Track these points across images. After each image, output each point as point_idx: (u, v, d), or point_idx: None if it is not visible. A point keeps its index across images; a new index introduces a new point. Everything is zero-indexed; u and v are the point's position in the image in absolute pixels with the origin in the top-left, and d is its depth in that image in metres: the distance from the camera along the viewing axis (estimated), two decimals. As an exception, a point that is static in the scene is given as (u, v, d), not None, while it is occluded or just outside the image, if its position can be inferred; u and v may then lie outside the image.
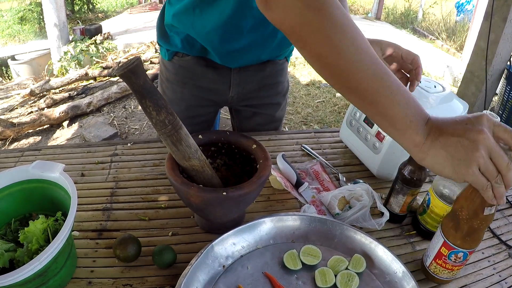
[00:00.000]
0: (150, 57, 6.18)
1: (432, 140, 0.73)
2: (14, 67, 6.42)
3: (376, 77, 0.73)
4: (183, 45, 1.34)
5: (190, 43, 1.33)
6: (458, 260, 0.90)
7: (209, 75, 1.41)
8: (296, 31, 0.73)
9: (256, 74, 1.44)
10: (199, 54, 1.36)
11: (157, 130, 0.86)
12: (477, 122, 0.71)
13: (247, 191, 0.89)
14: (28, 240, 0.85)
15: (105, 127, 4.20)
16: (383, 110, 0.74)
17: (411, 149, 0.76)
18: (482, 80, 2.01)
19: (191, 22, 1.23)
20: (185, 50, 1.36)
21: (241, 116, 1.63)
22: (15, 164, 1.32)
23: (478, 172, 0.70)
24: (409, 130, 0.74)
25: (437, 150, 0.73)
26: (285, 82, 1.58)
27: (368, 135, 1.28)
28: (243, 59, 1.35)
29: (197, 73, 1.41)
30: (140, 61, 0.78)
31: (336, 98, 5.15)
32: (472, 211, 0.82)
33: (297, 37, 0.74)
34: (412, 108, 0.74)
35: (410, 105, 0.74)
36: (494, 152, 0.69)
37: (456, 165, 0.71)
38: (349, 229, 0.99)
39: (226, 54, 1.30)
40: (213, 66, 1.38)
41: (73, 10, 9.45)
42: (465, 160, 0.70)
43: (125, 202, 1.18)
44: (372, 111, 0.77)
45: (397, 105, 0.73)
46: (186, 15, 1.22)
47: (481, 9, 6.12)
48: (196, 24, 1.22)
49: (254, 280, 0.89)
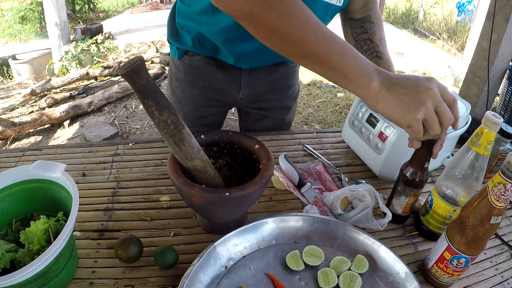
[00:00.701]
0: (151, 56, 6.19)
1: (386, 88, 0.82)
2: (15, 66, 6.44)
3: (325, 37, 0.81)
4: (194, 44, 1.32)
5: (202, 43, 1.31)
6: (460, 265, 0.90)
7: (219, 76, 1.39)
8: (248, 13, 0.79)
9: (267, 76, 1.42)
10: (210, 54, 1.34)
11: (160, 130, 0.86)
12: (428, 81, 0.82)
13: (250, 192, 0.89)
14: (29, 240, 0.85)
15: (106, 126, 4.20)
16: (335, 65, 0.82)
17: (364, 95, 0.84)
18: (484, 81, 2.00)
19: (206, 21, 1.21)
20: (195, 49, 1.34)
21: (250, 119, 1.62)
22: (16, 164, 1.32)
23: (421, 120, 0.81)
24: (362, 79, 0.82)
25: (390, 97, 0.81)
26: (296, 85, 1.57)
27: (370, 135, 1.27)
28: (256, 59, 1.32)
29: (207, 73, 1.39)
30: (143, 61, 0.77)
31: (338, 98, 5.15)
32: (478, 219, 0.83)
33: (250, 19, 0.81)
34: (362, 59, 0.83)
35: (360, 58, 0.83)
36: (440, 106, 0.80)
37: (406, 111, 0.80)
38: (351, 230, 0.98)
39: (239, 54, 1.28)
40: (223, 67, 1.37)
41: (74, 9, 9.46)
42: (414, 108, 0.80)
43: (126, 202, 1.17)
44: (326, 69, 0.84)
45: (348, 59, 0.82)
46: (202, 14, 1.20)
47: (482, 9, 6.12)
48: (210, 23, 1.20)
49: (256, 280, 0.89)
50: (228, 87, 1.43)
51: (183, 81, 1.44)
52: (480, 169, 0.93)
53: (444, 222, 1.04)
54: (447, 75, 6.30)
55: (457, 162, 0.96)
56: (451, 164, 0.98)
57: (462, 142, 1.07)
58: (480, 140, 0.89)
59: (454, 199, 1.00)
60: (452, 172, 0.97)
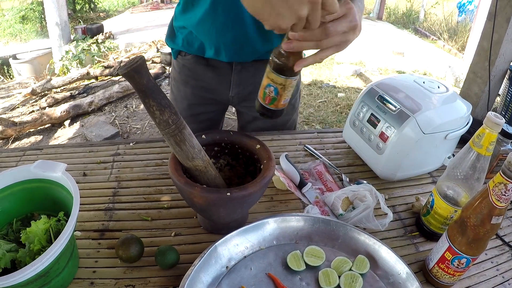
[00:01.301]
0: (151, 56, 6.18)
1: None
2: (15, 66, 6.44)
3: None
4: (183, 43, 1.36)
5: (190, 42, 1.34)
6: (461, 266, 0.90)
7: (209, 74, 1.42)
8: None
9: (257, 74, 1.41)
10: (198, 53, 1.37)
11: (161, 130, 0.85)
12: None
13: (251, 192, 0.89)
14: (30, 240, 0.85)
15: (107, 126, 4.20)
16: None
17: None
18: (485, 81, 1.99)
19: (190, 15, 1.25)
20: (184, 48, 1.38)
21: (243, 120, 1.63)
22: (17, 164, 1.32)
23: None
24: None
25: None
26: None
27: (371, 135, 1.27)
28: (234, 51, 1.32)
29: (198, 72, 1.42)
30: (144, 60, 0.77)
31: (338, 98, 5.15)
32: (479, 220, 0.83)
33: None
34: None
35: None
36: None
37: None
38: (352, 230, 0.98)
39: (218, 45, 1.29)
40: (213, 65, 1.39)
41: (75, 9, 9.46)
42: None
43: (127, 202, 1.17)
44: None
45: None
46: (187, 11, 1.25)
47: (483, 9, 6.12)
48: (192, 17, 1.24)
49: (257, 281, 0.89)
50: (218, 85, 1.45)
51: (178, 80, 1.49)
52: (482, 170, 0.92)
53: (445, 223, 1.04)
54: (448, 76, 6.30)
55: (458, 162, 0.95)
56: (453, 165, 0.98)
57: (462, 142, 1.07)
58: (481, 140, 0.88)
59: (455, 199, 0.99)
60: (454, 172, 0.97)
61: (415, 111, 1.17)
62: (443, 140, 1.21)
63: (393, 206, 1.22)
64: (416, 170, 1.31)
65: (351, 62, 6.66)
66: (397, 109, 1.21)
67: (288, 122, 1.64)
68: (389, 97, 1.25)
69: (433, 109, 1.19)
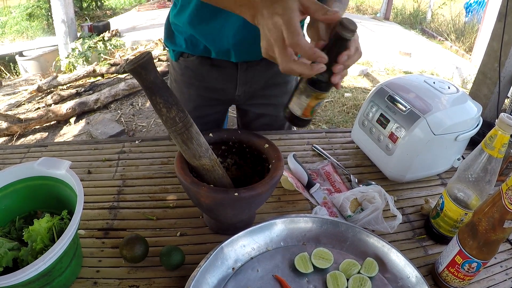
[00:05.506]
0: (158, 54, 6.18)
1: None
2: (22, 63, 6.47)
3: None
4: (187, 45, 1.33)
5: (194, 43, 1.32)
6: (471, 270, 0.89)
7: (214, 75, 1.40)
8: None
9: (263, 73, 1.41)
10: (203, 54, 1.35)
11: (167, 128, 0.84)
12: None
13: (259, 192, 0.87)
14: (33, 239, 0.84)
15: (112, 124, 4.20)
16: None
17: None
18: (494, 82, 1.98)
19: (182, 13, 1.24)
20: (189, 50, 1.35)
21: (247, 118, 1.62)
22: (21, 160, 1.31)
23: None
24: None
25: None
26: (293, 81, 1.55)
27: (381, 136, 1.25)
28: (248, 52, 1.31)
29: (202, 73, 1.40)
30: (151, 56, 0.76)
31: (345, 98, 5.13)
32: (491, 223, 0.82)
33: None
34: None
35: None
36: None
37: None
38: (361, 232, 0.97)
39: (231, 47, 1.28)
40: (218, 65, 1.37)
41: (81, 7, 9.47)
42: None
43: (132, 201, 1.16)
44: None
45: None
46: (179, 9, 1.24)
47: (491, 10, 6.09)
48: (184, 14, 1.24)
49: (264, 283, 0.87)
50: (224, 85, 1.43)
51: (181, 82, 1.46)
52: (493, 172, 0.91)
53: (455, 226, 1.02)
54: (455, 76, 6.28)
55: (469, 164, 0.94)
56: (463, 167, 0.96)
57: (472, 144, 1.05)
58: (493, 142, 0.87)
59: (465, 202, 0.98)
60: (464, 174, 0.96)
61: (426, 112, 1.16)
62: (453, 141, 1.19)
63: (401, 208, 1.20)
64: (425, 172, 1.29)
65: (357, 62, 6.63)
66: (407, 110, 1.19)
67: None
68: (399, 97, 1.24)
69: (443, 110, 1.18)
